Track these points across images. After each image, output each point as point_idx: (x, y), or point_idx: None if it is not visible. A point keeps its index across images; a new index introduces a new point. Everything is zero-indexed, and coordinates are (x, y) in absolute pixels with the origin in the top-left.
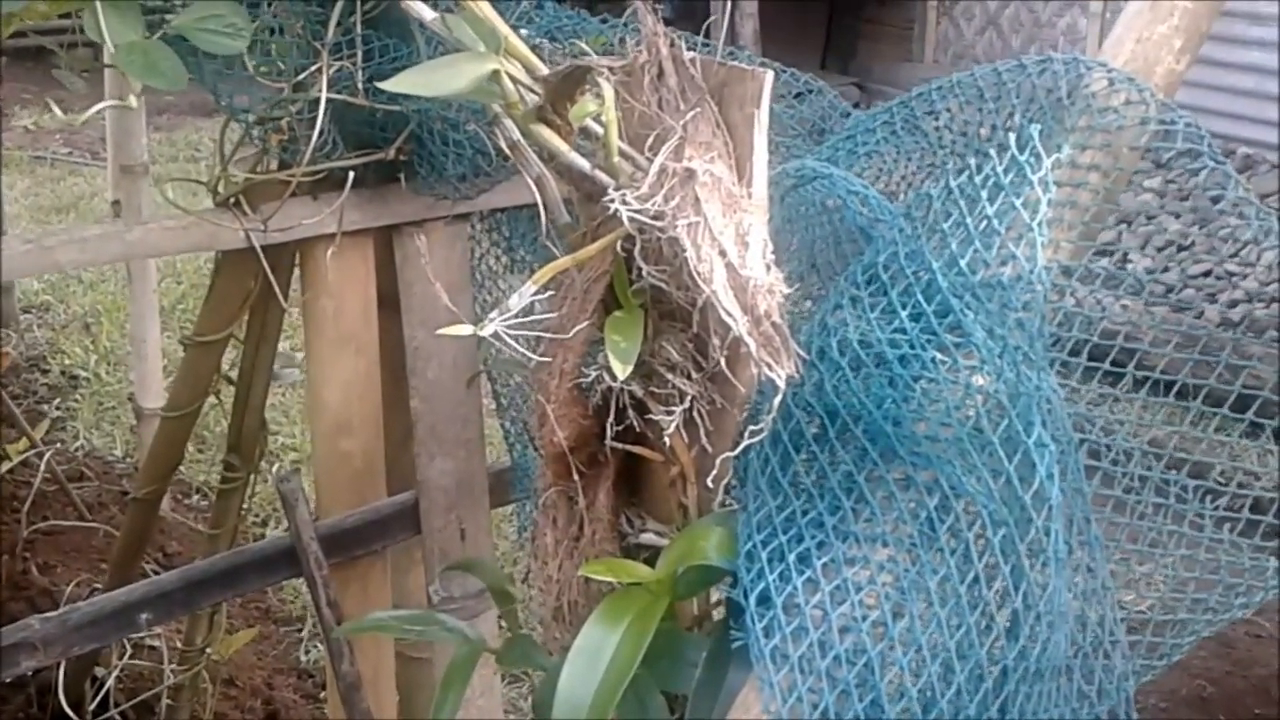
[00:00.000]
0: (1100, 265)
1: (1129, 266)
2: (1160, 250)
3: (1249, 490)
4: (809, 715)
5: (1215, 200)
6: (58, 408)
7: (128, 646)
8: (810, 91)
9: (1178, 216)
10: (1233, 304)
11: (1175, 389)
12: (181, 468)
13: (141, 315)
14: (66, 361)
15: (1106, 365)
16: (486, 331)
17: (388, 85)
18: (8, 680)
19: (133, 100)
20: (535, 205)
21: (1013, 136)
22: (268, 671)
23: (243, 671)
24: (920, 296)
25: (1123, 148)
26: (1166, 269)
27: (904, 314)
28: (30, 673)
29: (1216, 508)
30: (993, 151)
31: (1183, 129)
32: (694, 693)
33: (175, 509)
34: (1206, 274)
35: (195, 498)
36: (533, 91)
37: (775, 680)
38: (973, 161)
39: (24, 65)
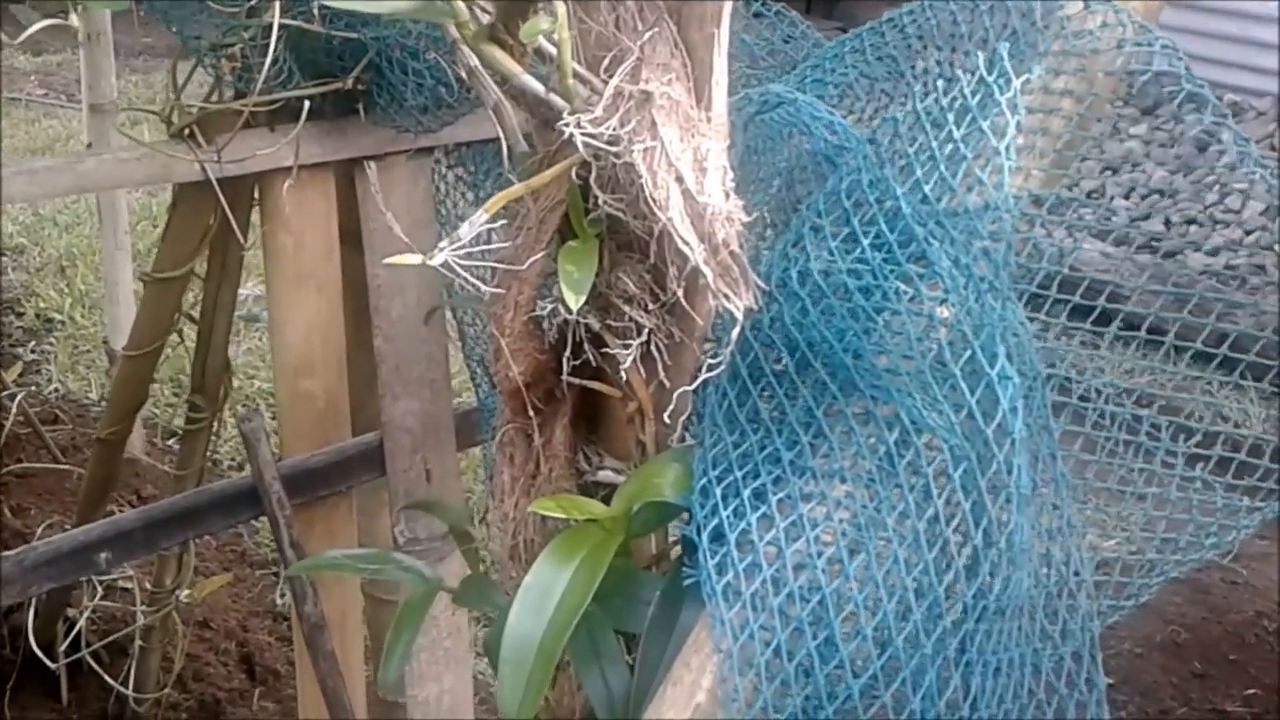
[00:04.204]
0: (1072, 199)
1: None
2: (1144, 198)
3: (1220, 428)
4: (760, 652)
5: (1201, 141)
6: (32, 351)
7: (99, 588)
8: (796, 34)
9: (1162, 164)
10: (1215, 251)
11: (1146, 325)
12: (156, 411)
13: (113, 257)
14: (41, 305)
15: (1076, 299)
16: (436, 261)
17: (331, 1)
18: None
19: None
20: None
21: (981, 57)
22: (242, 614)
23: (217, 614)
24: (883, 225)
25: (1098, 72)
26: (1149, 216)
27: (866, 243)
28: (2, 614)
29: (1189, 445)
30: (960, 73)
31: (1159, 51)
32: (647, 631)
33: (150, 453)
34: (1191, 221)
35: (171, 441)
36: (485, 11)
37: (727, 617)
38: (940, 84)
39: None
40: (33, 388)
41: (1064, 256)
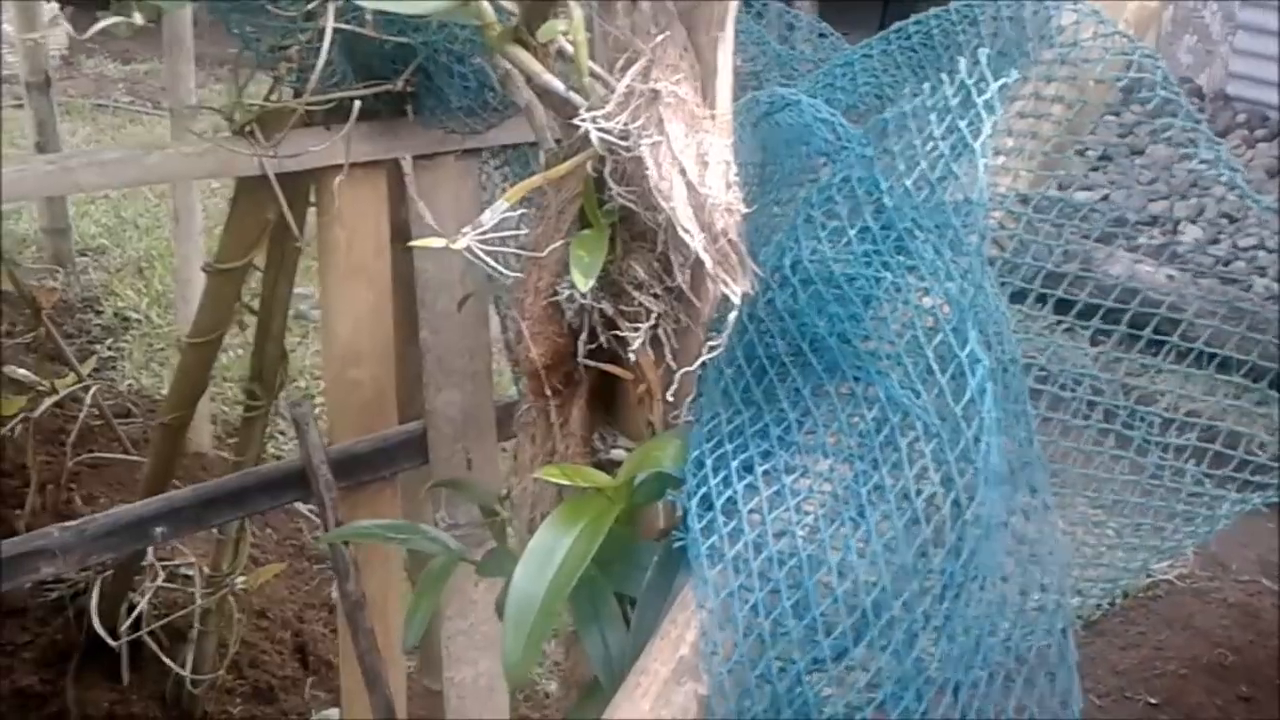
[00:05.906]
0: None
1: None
2: (1212, 223)
3: (1196, 418)
4: (739, 609)
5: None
6: (109, 348)
7: (160, 573)
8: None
9: (1231, 188)
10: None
11: (1128, 318)
12: (225, 408)
13: (187, 258)
14: (119, 303)
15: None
16: (460, 245)
17: (365, 1)
18: (29, 592)
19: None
20: None
21: (963, 61)
22: (299, 606)
23: (274, 604)
24: (869, 218)
25: (1088, 80)
26: (1217, 240)
27: (853, 234)
28: (69, 597)
29: (1165, 434)
30: (944, 76)
31: (1139, 60)
32: (643, 594)
33: (218, 448)
34: (1259, 246)
35: (235, 439)
36: (512, 14)
37: (710, 577)
38: (926, 86)
39: (89, 14)
40: (108, 382)
41: (1052, 253)
